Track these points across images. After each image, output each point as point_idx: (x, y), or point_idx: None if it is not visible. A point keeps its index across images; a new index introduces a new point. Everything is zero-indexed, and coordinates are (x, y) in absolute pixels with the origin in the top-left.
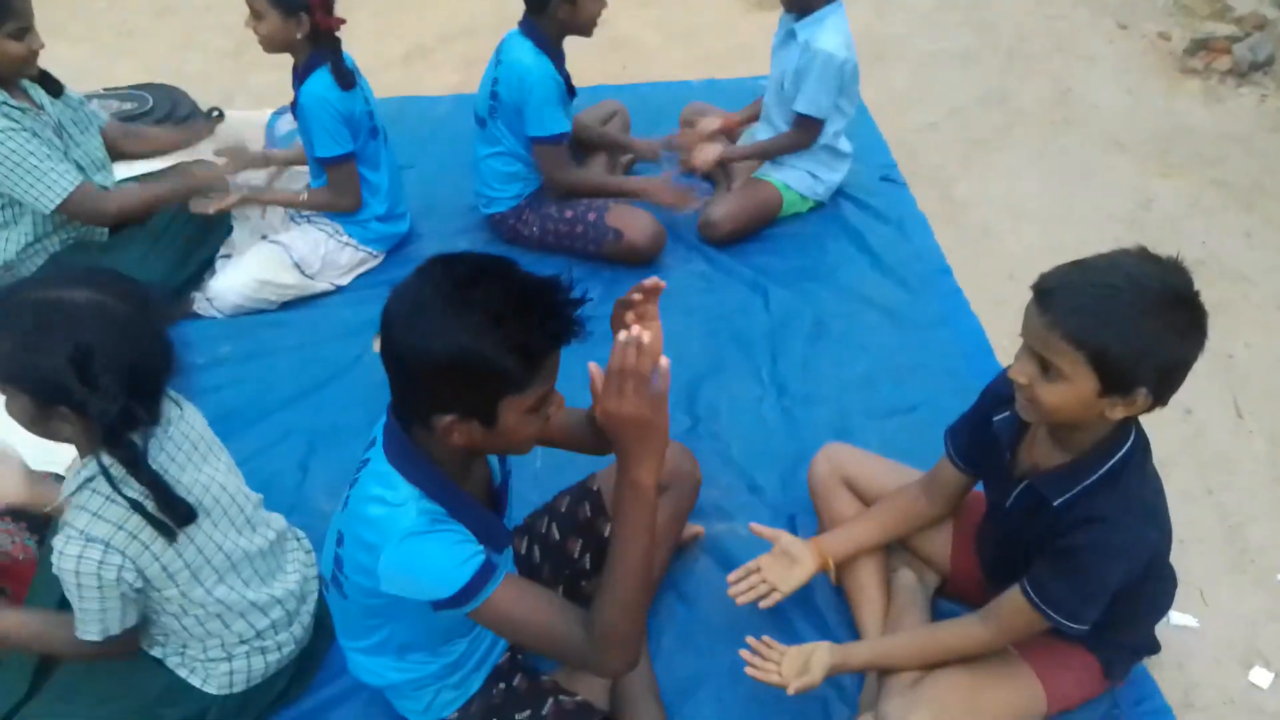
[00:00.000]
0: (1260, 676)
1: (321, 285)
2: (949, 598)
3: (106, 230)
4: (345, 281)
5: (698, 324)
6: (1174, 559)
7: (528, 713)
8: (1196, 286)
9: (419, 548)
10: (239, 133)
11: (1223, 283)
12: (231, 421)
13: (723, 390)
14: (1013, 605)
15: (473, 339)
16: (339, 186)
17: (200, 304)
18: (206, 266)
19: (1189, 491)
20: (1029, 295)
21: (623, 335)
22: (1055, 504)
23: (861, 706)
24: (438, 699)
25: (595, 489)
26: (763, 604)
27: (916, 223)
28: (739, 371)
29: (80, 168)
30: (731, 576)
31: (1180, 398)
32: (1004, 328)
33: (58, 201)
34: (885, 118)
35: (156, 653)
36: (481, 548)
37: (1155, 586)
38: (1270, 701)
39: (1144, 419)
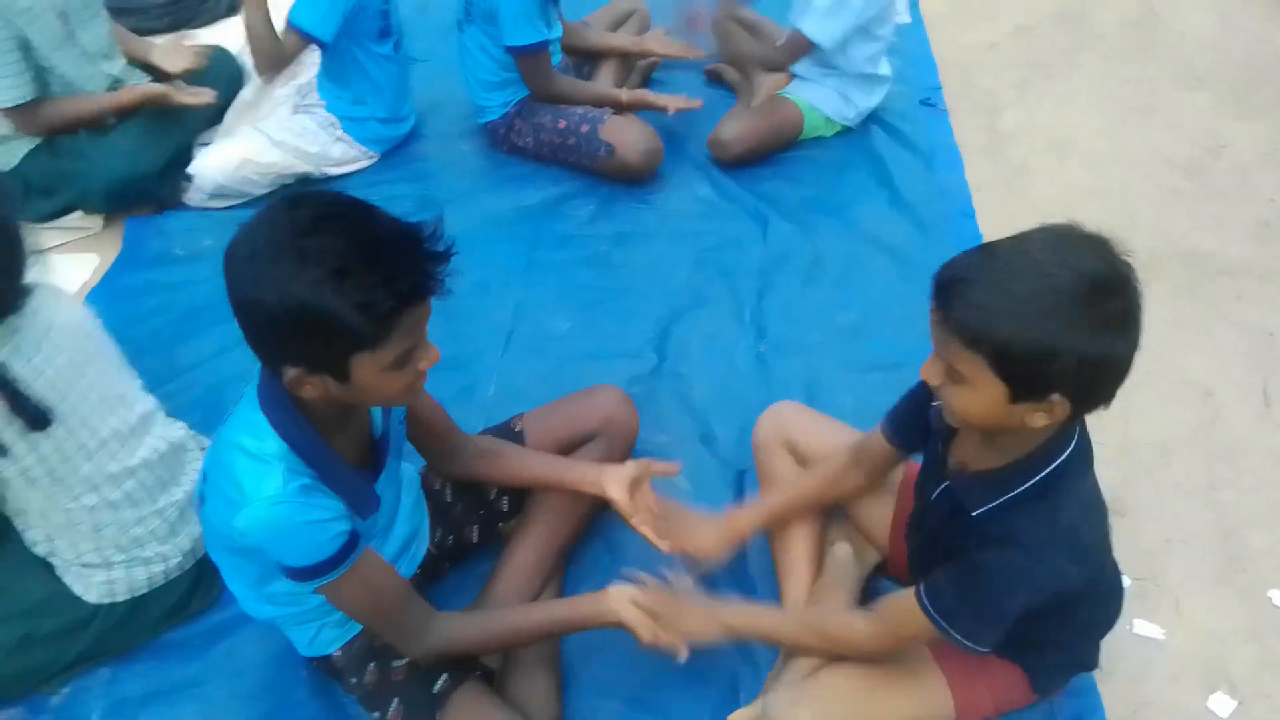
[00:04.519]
0: (1220, 704)
1: (305, 166)
2: (890, 577)
3: None
4: (335, 173)
5: (687, 253)
6: (1155, 561)
7: (407, 660)
8: (1126, 271)
9: (283, 516)
10: None
11: None
12: (199, 318)
13: (698, 328)
14: (904, 607)
15: (309, 294)
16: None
17: (188, 193)
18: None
19: (1188, 485)
20: None
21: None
22: (973, 515)
23: (766, 687)
24: (320, 635)
25: (519, 430)
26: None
27: (948, 155)
28: (720, 308)
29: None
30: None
31: (1202, 376)
32: None
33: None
34: (941, 32)
35: (41, 551)
36: (348, 524)
37: (1087, 612)
38: None
39: (1157, 396)
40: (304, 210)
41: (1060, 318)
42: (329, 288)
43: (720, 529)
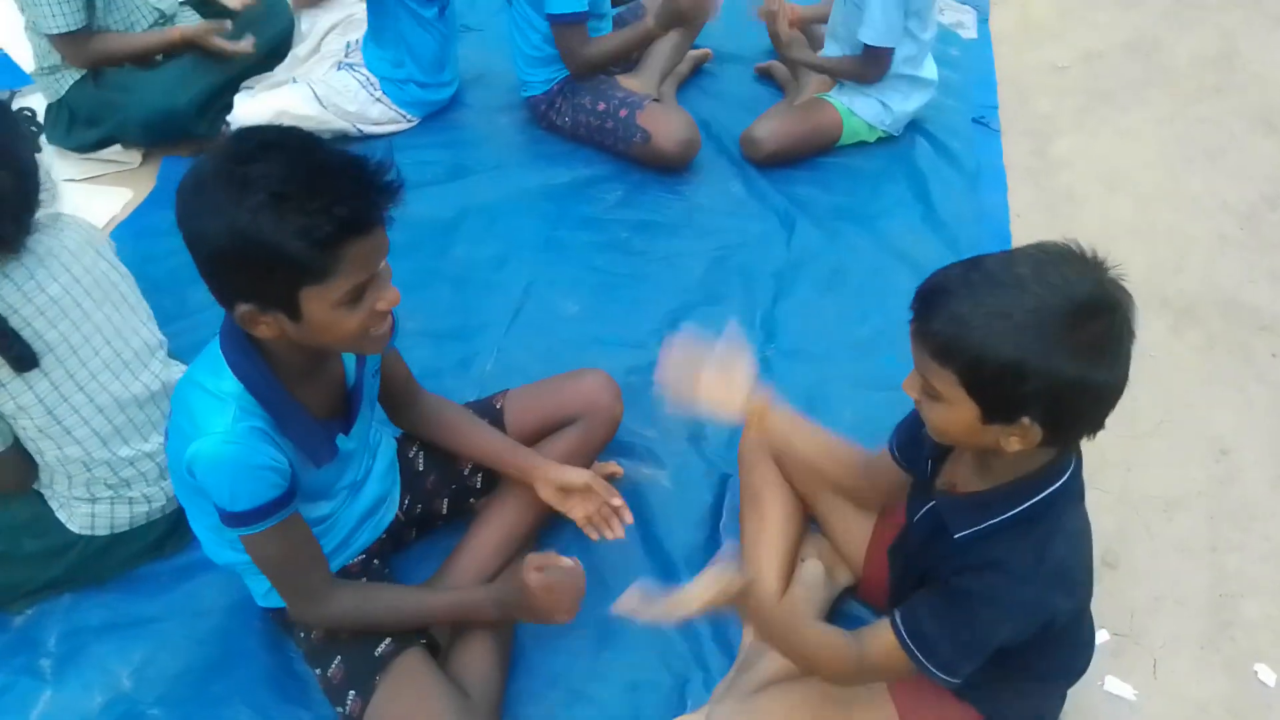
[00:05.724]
0: None
1: (341, 123)
2: (861, 601)
3: None
4: (372, 131)
5: (707, 248)
6: (1140, 618)
7: None
8: (1117, 295)
9: (228, 455)
10: None
11: None
12: None
13: (707, 324)
14: (880, 636)
15: (249, 220)
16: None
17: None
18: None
19: (1188, 544)
20: None
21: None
22: (955, 537)
23: (714, 697)
24: None
25: (499, 407)
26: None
27: (994, 177)
28: (732, 308)
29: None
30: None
31: (1223, 434)
32: None
33: (52, 33)
34: (1008, 51)
35: (38, 485)
36: (284, 483)
37: (1057, 654)
38: None
39: (1169, 448)
40: (249, 140)
41: (1035, 336)
42: (268, 213)
43: (745, 396)
